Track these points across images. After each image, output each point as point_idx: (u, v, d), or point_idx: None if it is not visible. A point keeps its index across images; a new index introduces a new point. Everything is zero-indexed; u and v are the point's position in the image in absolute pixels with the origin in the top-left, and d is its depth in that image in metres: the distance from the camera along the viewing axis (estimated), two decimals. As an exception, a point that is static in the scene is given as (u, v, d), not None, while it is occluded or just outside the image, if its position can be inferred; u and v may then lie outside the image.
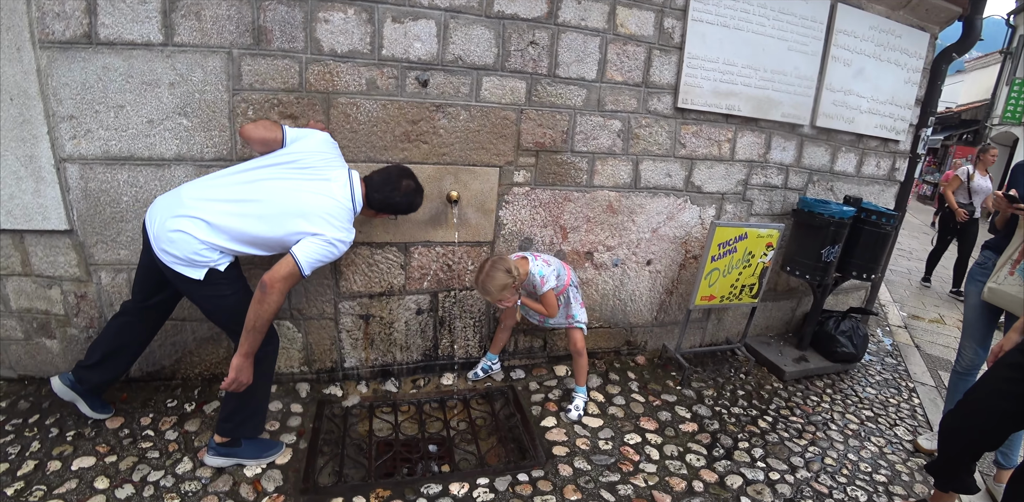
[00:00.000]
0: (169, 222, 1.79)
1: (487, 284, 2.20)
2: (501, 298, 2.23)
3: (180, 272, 1.83)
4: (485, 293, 2.25)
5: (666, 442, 2.44)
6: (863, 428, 2.76)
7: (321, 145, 2.02)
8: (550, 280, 2.35)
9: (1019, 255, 2.18)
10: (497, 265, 2.21)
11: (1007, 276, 2.21)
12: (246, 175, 1.90)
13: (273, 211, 1.84)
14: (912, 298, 5.56)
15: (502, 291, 2.20)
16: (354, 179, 2.01)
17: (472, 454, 2.32)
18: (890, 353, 3.83)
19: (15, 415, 2.22)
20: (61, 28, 2.02)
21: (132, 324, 2.12)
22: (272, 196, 1.85)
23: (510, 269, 2.21)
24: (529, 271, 2.33)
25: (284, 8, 2.13)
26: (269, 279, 1.78)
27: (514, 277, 2.21)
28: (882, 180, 3.62)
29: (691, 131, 2.83)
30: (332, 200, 1.92)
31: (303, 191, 1.89)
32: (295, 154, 1.94)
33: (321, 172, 1.95)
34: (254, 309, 1.79)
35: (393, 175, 2.10)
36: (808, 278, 3.04)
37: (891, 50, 3.22)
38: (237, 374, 1.84)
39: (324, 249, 1.87)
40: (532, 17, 2.39)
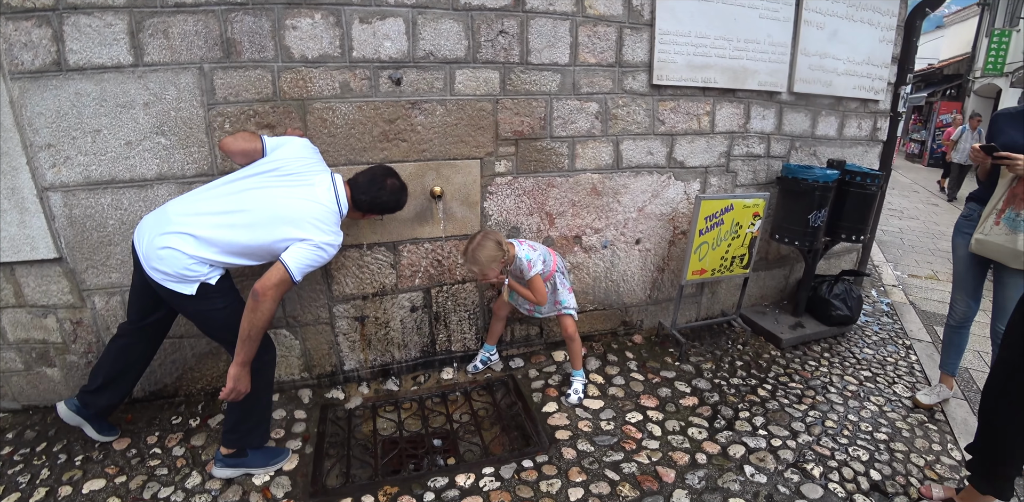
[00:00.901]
0: (157, 240, 1.86)
1: (477, 253, 2.29)
2: (488, 271, 2.33)
3: (172, 289, 1.89)
4: (473, 263, 2.33)
5: (667, 418, 2.57)
6: (862, 388, 2.90)
7: (301, 150, 2.09)
8: (536, 264, 2.44)
9: (1003, 205, 2.28)
10: (488, 236, 2.33)
11: (993, 226, 2.31)
12: (230, 187, 1.97)
13: (260, 219, 1.90)
14: (905, 256, 5.71)
15: (491, 262, 2.30)
16: (337, 182, 2.08)
17: (476, 445, 2.44)
18: (886, 313, 3.98)
19: (22, 445, 2.32)
20: (30, 58, 2.07)
21: (131, 345, 2.20)
22: (258, 205, 1.92)
23: (500, 242, 2.32)
24: (516, 255, 2.42)
25: (251, 18, 2.18)
26: (261, 287, 1.84)
27: (504, 251, 2.32)
28: (865, 141, 3.73)
29: (669, 107, 2.92)
30: (318, 205, 1.99)
31: (288, 198, 1.95)
32: (276, 162, 2.02)
33: (304, 178, 2.02)
34: (247, 318, 1.86)
35: (378, 175, 2.18)
36: (797, 244, 3.16)
37: (863, 10, 3.29)
38: (235, 383, 1.92)
39: (313, 254, 1.94)
40: (499, 6, 2.45)
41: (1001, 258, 2.33)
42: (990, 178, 2.41)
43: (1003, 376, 1.81)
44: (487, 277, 2.37)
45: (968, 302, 2.61)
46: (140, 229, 1.95)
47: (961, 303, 2.63)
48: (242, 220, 1.89)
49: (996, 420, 1.85)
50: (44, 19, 2.05)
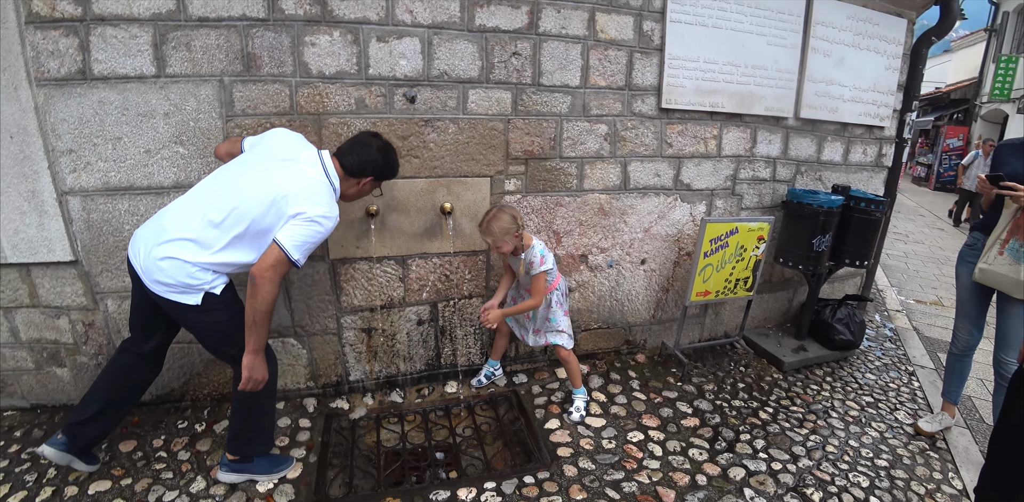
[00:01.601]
0: (155, 251, 1.81)
1: (491, 224, 2.31)
2: (501, 243, 2.35)
3: (175, 300, 1.84)
4: (487, 233, 2.34)
5: (669, 438, 2.57)
6: (864, 414, 2.89)
7: (281, 135, 2.04)
8: (548, 260, 2.44)
9: (1007, 235, 2.30)
10: (504, 210, 2.36)
11: (996, 256, 2.33)
12: (216, 184, 1.91)
13: (252, 205, 1.81)
14: (909, 281, 5.70)
15: (504, 234, 2.32)
16: (324, 157, 2.00)
17: (479, 459, 2.44)
18: (889, 338, 3.96)
19: (30, 443, 2.34)
20: (56, 66, 2.14)
21: (134, 365, 2.12)
22: (245, 188, 1.84)
23: (516, 216, 2.35)
24: (532, 245, 2.44)
25: (271, 34, 2.25)
26: (257, 270, 1.78)
27: (518, 225, 2.33)
28: (870, 167, 3.75)
29: (677, 130, 2.96)
30: (307, 179, 1.90)
31: (275, 177, 1.87)
32: (257, 149, 2.00)
33: (288, 155, 1.95)
34: (249, 305, 1.80)
35: (361, 137, 2.10)
36: (801, 268, 3.17)
37: (870, 38, 3.35)
38: (250, 372, 1.88)
39: (307, 229, 1.84)
40: (513, 28, 2.51)
41: (1005, 288, 2.34)
42: (994, 208, 2.43)
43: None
44: (500, 249, 2.39)
45: (971, 330, 2.61)
46: (134, 243, 1.90)
47: (964, 331, 2.63)
48: (235, 211, 1.81)
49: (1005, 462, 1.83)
50: (72, 29, 2.12)
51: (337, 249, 2.55)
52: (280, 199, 1.82)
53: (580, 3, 2.58)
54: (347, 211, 2.50)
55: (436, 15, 2.39)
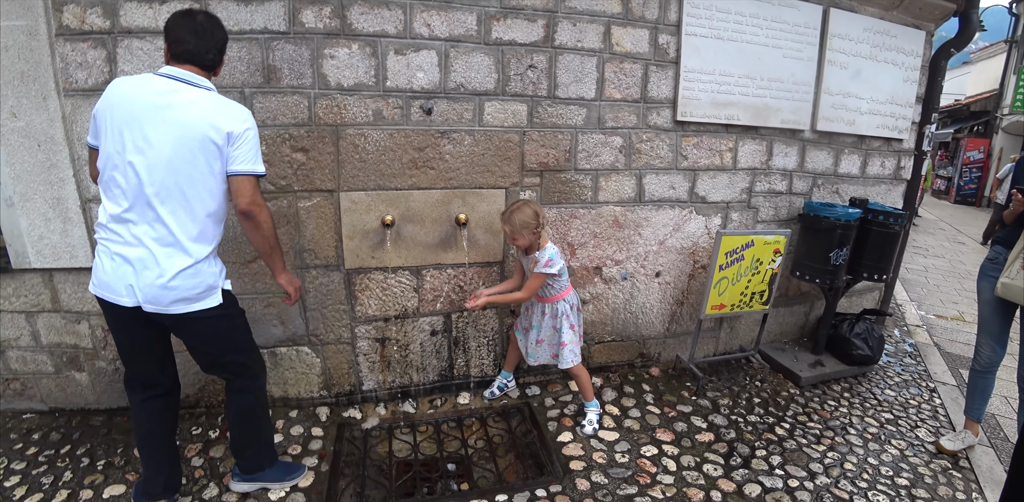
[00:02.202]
0: (157, 280, 1.69)
1: (514, 215, 2.33)
2: (517, 235, 2.36)
3: (199, 310, 1.76)
4: (507, 222, 2.36)
5: (683, 453, 2.53)
6: (883, 431, 2.83)
7: (119, 96, 1.70)
8: (555, 264, 2.40)
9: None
10: (530, 205, 2.38)
11: (1019, 270, 2.29)
12: (124, 171, 1.68)
13: (183, 166, 1.67)
14: (930, 296, 5.59)
15: (522, 228, 2.33)
16: (177, 72, 1.74)
17: (490, 471, 2.42)
18: (909, 354, 3.89)
19: (47, 446, 2.38)
20: (84, 76, 2.21)
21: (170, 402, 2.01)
22: (165, 160, 1.66)
23: (538, 213, 2.36)
24: (546, 246, 2.43)
25: (291, 47, 2.29)
26: (246, 206, 1.74)
27: (538, 222, 2.35)
28: (888, 179, 3.71)
29: (692, 143, 2.95)
30: (196, 106, 1.70)
31: (171, 129, 1.66)
32: (116, 127, 1.68)
33: (154, 102, 1.67)
34: (257, 236, 1.83)
35: (185, 22, 1.76)
36: (818, 282, 3.13)
37: (887, 50, 3.33)
38: (291, 287, 2.04)
39: (249, 142, 1.76)
40: (529, 42, 2.53)
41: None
42: (1017, 221, 2.39)
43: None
44: (515, 241, 2.40)
45: (994, 346, 2.55)
46: (110, 282, 1.71)
47: (986, 347, 2.57)
48: (177, 184, 1.67)
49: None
50: (100, 41, 2.19)
51: (352, 259, 2.57)
52: (202, 140, 1.67)
53: (596, 17, 2.60)
54: (363, 222, 2.53)
55: (453, 28, 2.42)
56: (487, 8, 2.44)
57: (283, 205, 2.45)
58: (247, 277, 2.51)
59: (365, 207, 2.53)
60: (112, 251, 1.72)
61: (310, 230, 2.50)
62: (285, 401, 2.72)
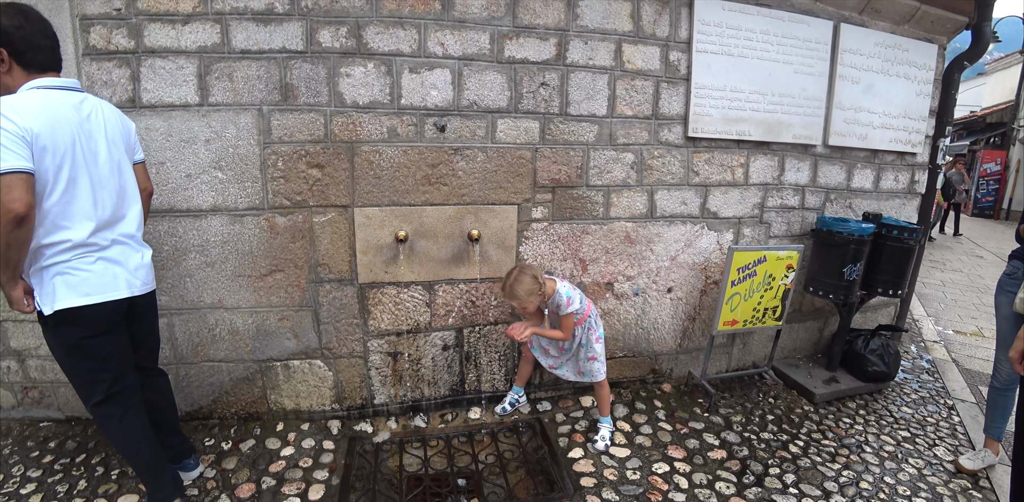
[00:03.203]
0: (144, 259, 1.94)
1: (515, 287, 2.34)
2: (527, 303, 2.37)
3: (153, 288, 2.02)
4: (512, 297, 2.37)
5: (695, 470, 2.51)
6: (900, 449, 2.79)
7: None
8: (575, 301, 2.47)
9: None
10: (525, 271, 2.38)
11: None
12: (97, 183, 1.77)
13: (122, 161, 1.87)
14: (947, 311, 5.53)
15: (529, 296, 2.34)
16: (53, 81, 1.72)
17: (501, 487, 2.42)
18: (927, 370, 3.84)
19: (63, 455, 2.42)
20: (108, 94, 2.29)
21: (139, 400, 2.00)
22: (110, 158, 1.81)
23: (536, 276, 2.37)
24: (556, 290, 2.46)
25: (308, 66, 2.36)
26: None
27: (540, 284, 2.36)
28: (902, 194, 3.70)
29: (703, 159, 2.97)
30: (97, 107, 1.80)
31: (96, 127, 1.77)
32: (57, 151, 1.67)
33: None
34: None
35: None
36: (832, 297, 3.11)
37: (899, 64, 3.34)
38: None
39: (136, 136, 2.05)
40: (542, 60, 2.58)
41: None
42: None
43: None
44: (526, 310, 2.42)
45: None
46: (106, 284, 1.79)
47: (1006, 364, 2.53)
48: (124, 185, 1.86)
49: None
50: (124, 60, 2.27)
51: (366, 273, 2.60)
52: (125, 138, 1.90)
53: (607, 35, 2.65)
54: (376, 237, 2.57)
55: (467, 47, 2.47)
56: (500, 27, 2.49)
57: (298, 220, 2.50)
58: (261, 290, 2.55)
59: (379, 222, 2.57)
60: (95, 258, 1.78)
61: (324, 245, 2.55)
62: (297, 414, 2.74)
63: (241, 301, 2.56)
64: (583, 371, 2.66)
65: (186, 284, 2.50)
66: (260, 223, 2.48)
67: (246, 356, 2.63)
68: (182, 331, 2.55)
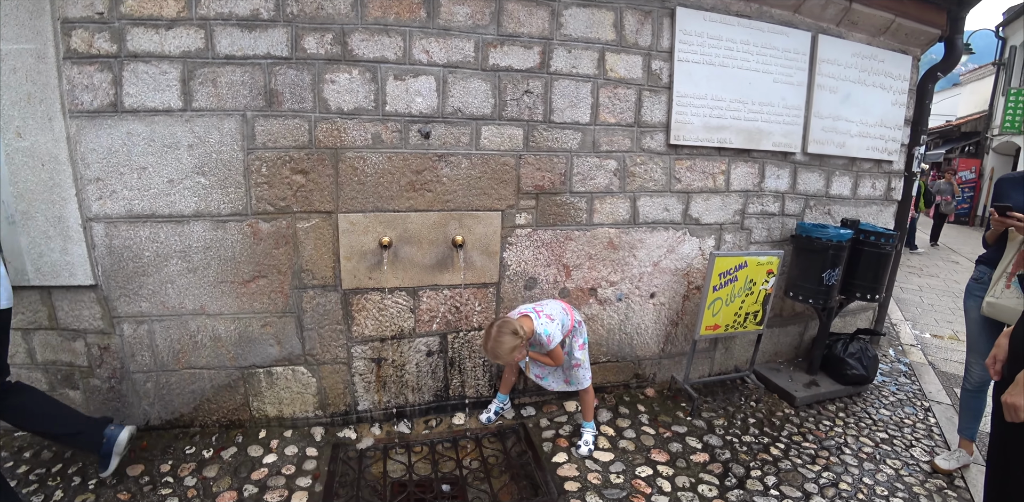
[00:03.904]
0: None
1: (497, 349, 2.28)
2: (512, 359, 2.34)
3: None
4: (495, 358, 2.32)
5: (678, 473, 2.54)
6: (878, 451, 2.84)
7: None
8: (555, 337, 2.43)
9: (1013, 268, 2.29)
10: (503, 329, 2.29)
11: (1004, 289, 2.31)
12: None
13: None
14: (924, 315, 5.65)
15: (512, 352, 2.29)
16: None
17: (485, 492, 2.43)
18: (904, 373, 3.92)
19: (38, 465, 2.39)
20: (89, 99, 2.27)
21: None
22: None
23: (516, 330, 2.28)
24: (535, 331, 2.39)
25: (293, 72, 2.37)
26: None
27: (520, 337, 2.29)
28: (879, 200, 3.79)
29: (685, 166, 3.03)
30: None
31: None
32: None
33: None
34: None
35: None
36: (811, 302, 3.18)
37: (876, 74, 3.43)
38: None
39: None
40: (526, 68, 2.61)
41: (1013, 321, 2.32)
42: (999, 241, 2.44)
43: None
44: (512, 365, 2.41)
45: (984, 365, 2.58)
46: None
47: (977, 366, 2.61)
48: None
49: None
50: (106, 64, 2.26)
51: (350, 279, 2.61)
52: None
53: (590, 43, 2.69)
54: (360, 243, 2.58)
55: (451, 55, 2.50)
56: (484, 35, 2.52)
57: (282, 226, 2.50)
58: (244, 296, 2.55)
59: (363, 228, 2.58)
60: None
61: (308, 250, 2.55)
62: (280, 421, 2.73)
63: (224, 307, 2.54)
64: (569, 380, 2.68)
65: (167, 290, 2.49)
66: (243, 229, 2.48)
67: (228, 363, 2.61)
68: (163, 338, 2.53)
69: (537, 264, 2.87)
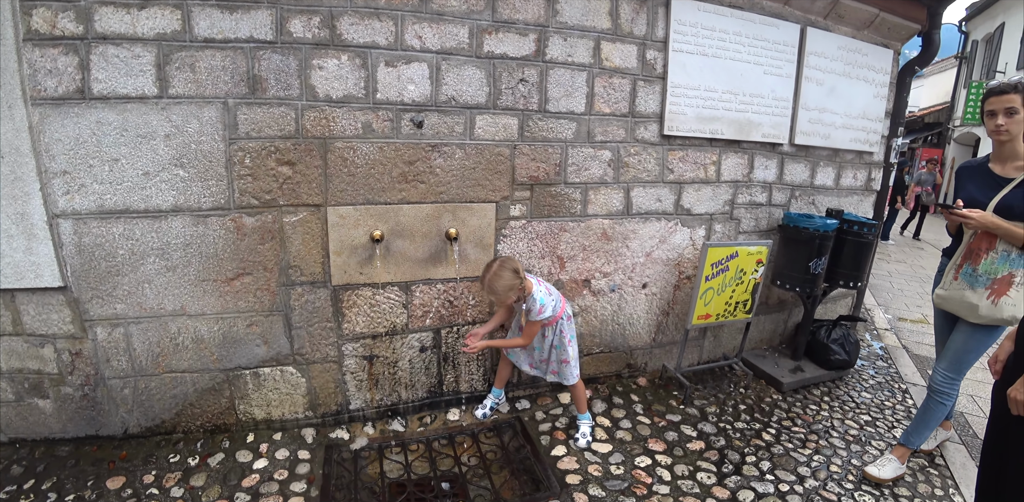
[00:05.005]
0: None
1: (494, 283, 2.35)
2: (506, 298, 2.40)
3: None
4: (491, 292, 2.40)
5: (676, 462, 2.62)
6: (863, 433, 3.00)
7: None
8: (547, 310, 2.49)
9: (961, 260, 2.37)
10: (505, 264, 2.38)
11: (952, 281, 2.40)
12: None
13: None
14: (895, 300, 5.95)
15: (507, 292, 2.37)
16: None
17: (486, 489, 2.44)
18: (881, 356, 4.13)
19: (8, 481, 2.27)
20: (53, 84, 2.14)
21: None
22: None
23: (517, 270, 2.39)
24: (532, 294, 2.47)
25: (278, 57, 2.29)
26: None
27: (520, 279, 2.38)
28: (860, 190, 3.96)
29: (678, 156, 3.08)
30: None
31: None
32: None
33: None
34: None
35: None
36: (798, 290, 3.31)
37: (859, 68, 3.56)
38: None
39: None
40: (521, 56, 2.60)
41: (960, 312, 2.40)
42: (958, 233, 2.48)
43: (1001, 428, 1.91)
44: (504, 303, 2.45)
45: None
46: None
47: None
48: None
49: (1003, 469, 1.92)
50: (72, 47, 2.13)
51: (340, 275, 2.56)
52: None
53: (586, 32, 2.69)
54: (351, 237, 2.54)
55: (445, 41, 2.46)
56: (479, 21, 2.49)
57: (267, 220, 2.43)
58: (228, 295, 2.47)
59: (353, 222, 2.53)
60: None
61: (296, 246, 2.49)
62: (268, 423, 2.68)
63: (206, 307, 2.47)
64: (558, 372, 2.71)
65: (144, 291, 2.39)
66: (226, 224, 2.40)
67: (212, 365, 2.54)
68: (141, 341, 2.44)
69: (532, 256, 2.88)
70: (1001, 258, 2.25)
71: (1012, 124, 2.21)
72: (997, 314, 2.27)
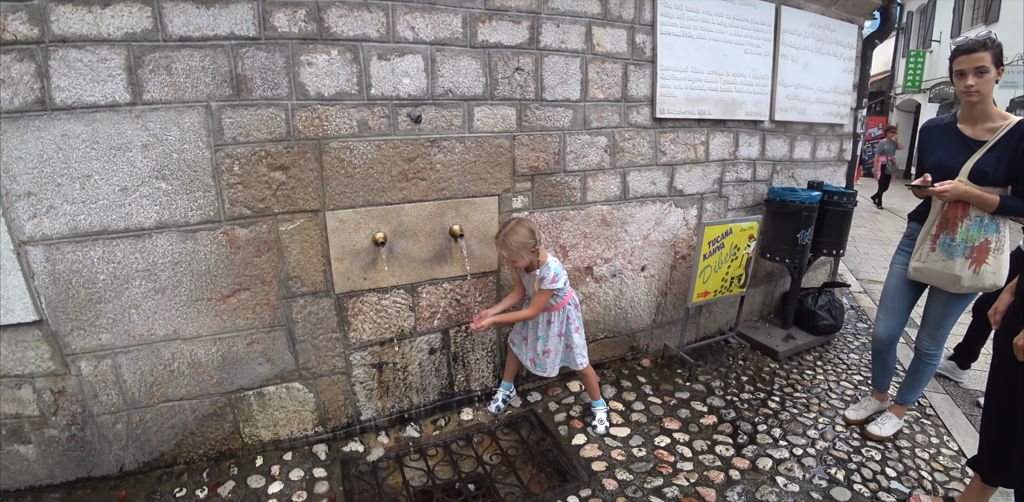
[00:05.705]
0: None
1: (508, 237, 2.43)
2: (517, 257, 2.47)
3: None
4: (503, 247, 2.46)
5: (693, 438, 2.83)
6: (858, 392, 3.31)
7: None
8: (560, 278, 2.57)
9: (936, 230, 2.43)
10: (522, 223, 2.47)
11: (929, 253, 2.46)
12: None
13: None
14: (863, 264, 6.50)
15: (520, 249, 2.44)
16: None
17: (515, 486, 2.54)
18: (859, 318, 4.55)
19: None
20: (8, 96, 1.99)
21: None
22: None
23: (533, 230, 2.47)
24: (547, 262, 2.56)
25: (263, 54, 2.22)
26: None
27: (535, 240, 2.47)
28: (834, 161, 4.29)
29: (669, 138, 3.24)
30: None
31: None
32: None
33: None
34: None
35: None
36: (788, 261, 3.59)
37: (829, 43, 3.84)
38: None
39: None
40: (515, 44, 2.64)
41: (941, 284, 2.47)
42: (927, 197, 2.52)
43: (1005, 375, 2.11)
44: (515, 263, 2.50)
45: (893, 323, 2.74)
46: None
47: (882, 323, 2.76)
48: None
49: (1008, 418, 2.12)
50: (27, 53, 1.98)
51: (343, 282, 2.57)
52: None
53: (577, 17, 2.76)
54: (352, 242, 2.54)
55: (438, 31, 2.47)
56: (472, 10, 2.51)
57: (262, 230, 2.39)
58: (225, 314, 2.43)
59: (354, 225, 2.53)
60: None
61: (294, 255, 2.47)
62: (276, 444, 2.67)
63: (201, 328, 2.41)
64: (563, 357, 2.82)
65: (131, 317, 2.30)
66: (217, 237, 2.34)
67: (212, 389, 2.50)
68: (131, 372, 2.35)
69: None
70: (975, 225, 2.33)
71: (983, 84, 2.18)
72: (979, 283, 2.37)
